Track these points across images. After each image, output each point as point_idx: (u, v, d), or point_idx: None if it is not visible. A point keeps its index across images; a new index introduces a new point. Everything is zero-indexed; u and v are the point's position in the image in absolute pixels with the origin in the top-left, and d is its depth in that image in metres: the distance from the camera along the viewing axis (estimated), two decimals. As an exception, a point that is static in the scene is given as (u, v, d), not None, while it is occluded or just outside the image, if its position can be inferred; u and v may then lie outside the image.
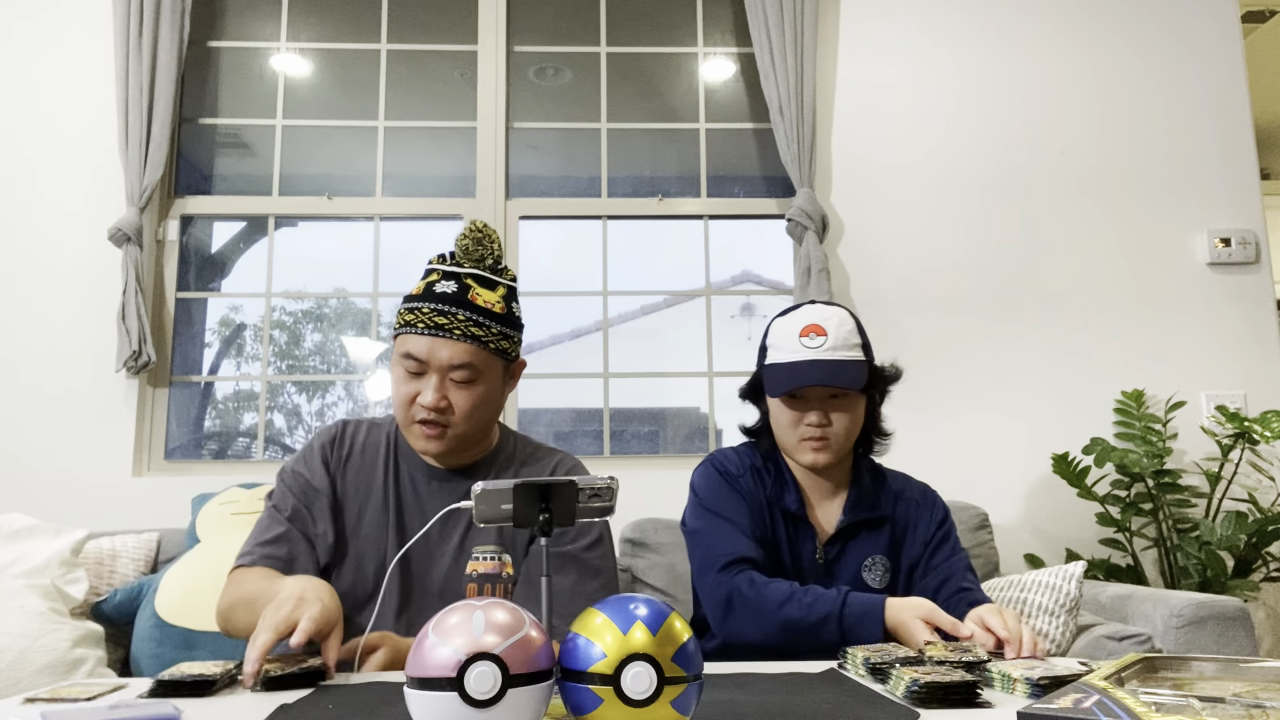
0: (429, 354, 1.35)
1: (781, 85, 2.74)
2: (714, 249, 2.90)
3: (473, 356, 1.36)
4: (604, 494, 0.95)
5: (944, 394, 2.72)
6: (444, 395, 1.36)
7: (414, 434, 1.40)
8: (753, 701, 0.93)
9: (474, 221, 1.41)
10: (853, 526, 1.58)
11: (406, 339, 1.37)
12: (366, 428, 1.49)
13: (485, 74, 2.90)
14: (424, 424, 1.37)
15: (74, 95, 2.74)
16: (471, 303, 1.37)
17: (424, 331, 1.35)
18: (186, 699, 0.97)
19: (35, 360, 2.61)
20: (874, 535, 1.59)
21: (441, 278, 1.39)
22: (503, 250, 1.43)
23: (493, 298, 1.39)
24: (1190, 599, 1.86)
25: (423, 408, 1.36)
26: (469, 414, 1.38)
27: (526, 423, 2.81)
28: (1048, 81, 2.89)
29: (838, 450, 1.57)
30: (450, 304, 1.36)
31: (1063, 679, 0.95)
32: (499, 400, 1.44)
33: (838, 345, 1.55)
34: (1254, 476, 2.70)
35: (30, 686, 1.79)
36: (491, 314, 1.38)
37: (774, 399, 1.58)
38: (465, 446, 1.43)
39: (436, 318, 1.35)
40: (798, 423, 1.55)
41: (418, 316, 1.37)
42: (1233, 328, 2.77)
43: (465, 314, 1.36)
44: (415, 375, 1.37)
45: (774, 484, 1.61)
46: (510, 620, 0.74)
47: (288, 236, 2.89)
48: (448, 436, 1.38)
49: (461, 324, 1.35)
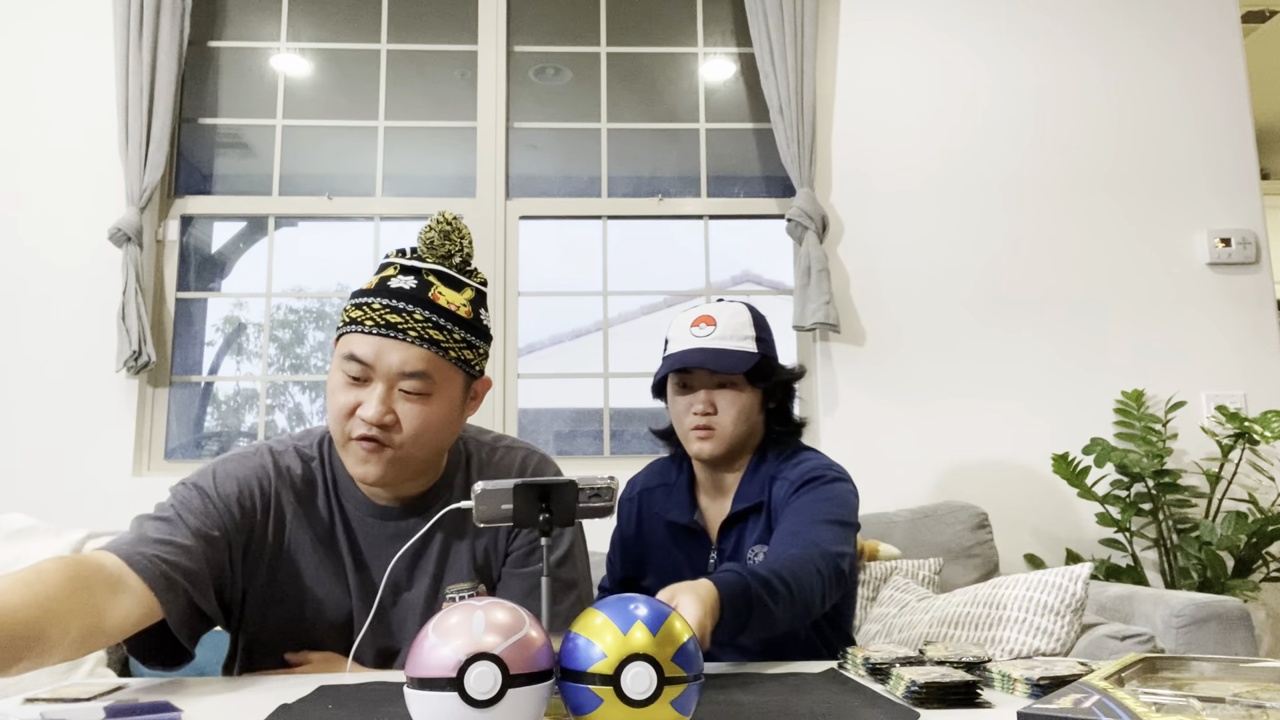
0: (376, 357, 1.14)
1: (781, 85, 2.74)
2: (714, 249, 2.90)
3: (428, 364, 1.15)
4: (604, 494, 0.95)
5: (944, 394, 2.72)
6: (390, 409, 1.14)
7: (349, 453, 1.17)
8: (753, 701, 0.93)
9: (442, 213, 1.20)
10: (735, 519, 1.57)
11: (350, 339, 1.16)
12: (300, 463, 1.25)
13: (485, 74, 2.90)
14: (362, 440, 1.15)
15: (74, 95, 2.74)
16: (433, 302, 1.16)
17: (372, 330, 1.14)
18: (184, 698, 0.96)
19: (35, 360, 2.61)
20: (757, 525, 1.56)
21: (399, 273, 1.19)
22: (473, 249, 1.23)
23: (458, 299, 1.19)
24: (1190, 599, 1.86)
25: (362, 421, 1.14)
26: (417, 435, 1.16)
27: (527, 423, 2.81)
28: (1048, 81, 2.89)
29: (724, 440, 1.55)
30: (406, 300, 1.15)
31: (1063, 679, 0.95)
32: (456, 424, 1.21)
33: (726, 335, 1.56)
34: (1254, 476, 2.70)
35: (30, 686, 1.79)
36: (455, 317, 1.17)
37: (669, 388, 1.61)
38: (410, 473, 1.20)
39: (388, 315, 1.14)
40: (686, 411, 1.57)
41: (366, 313, 1.15)
42: (1233, 328, 2.77)
43: (424, 313, 1.15)
44: (357, 383, 1.15)
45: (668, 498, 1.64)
46: (510, 620, 0.74)
47: (288, 236, 2.89)
48: (388, 458, 1.15)
49: (418, 324, 1.15)
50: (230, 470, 1.22)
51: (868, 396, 2.71)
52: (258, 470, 1.22)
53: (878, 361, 2.73)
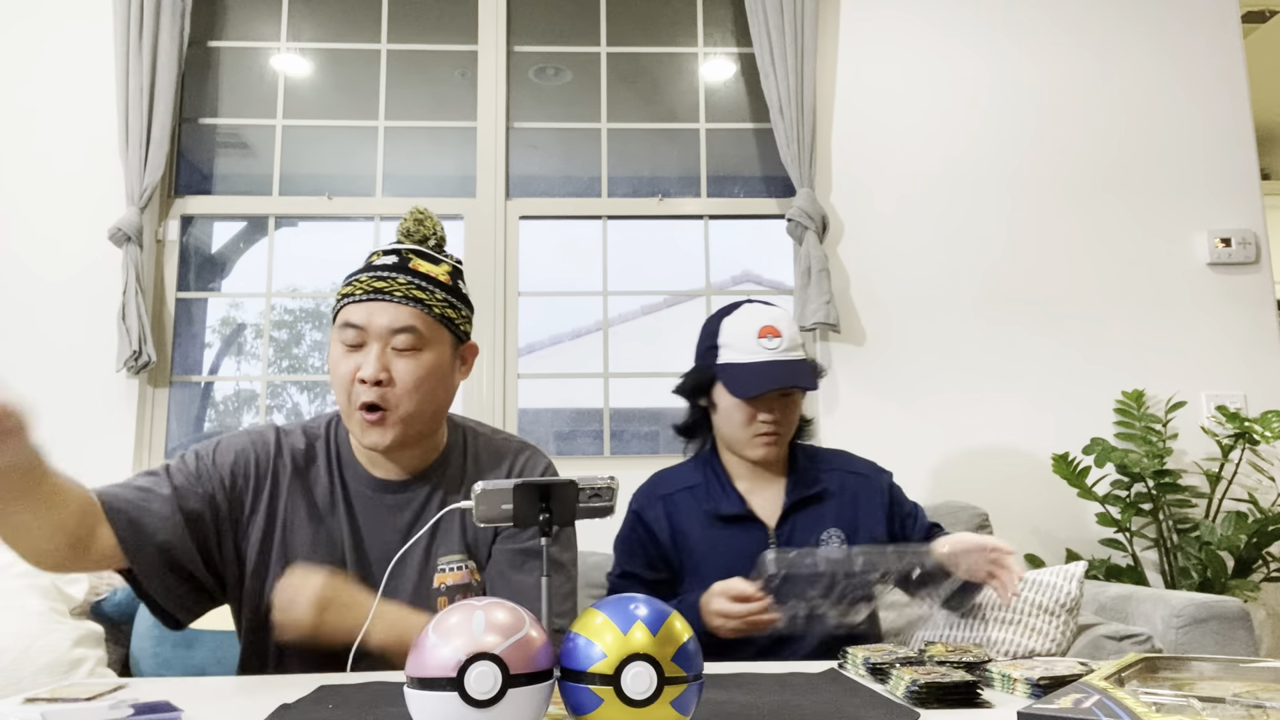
0: (367, 319, 1.26)
1: (781, 85, 2.74)
2: (714, 249, 2.90)
3: (415, 319, 1.26)
4: (604, 494, 0.95)
5: (944, 393, 2.72)
6: (385, 366, 1.25)
7: (355, 424, 1.28)
8: (753, 701, 0.93)
9: (414, 208, 1.36)
10: (797, 505, 1.64)
11: (344, 310, 1.28)
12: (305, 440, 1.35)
13: (485, 74, 2.90)
14: (366, 410, 1.25)
15: (74, 95, 2.74)
16: (414, 270, 1.29)
17: (362, 298, 1.27)
18: (184, 698, 0.97)
19: (35, 360, 2.61)
20: (820, 510, 1.65)
21: (382, 254, 1.32)
22: (445, 236, 1.37)
23: (437, 270, 1.31)
24: (1190, 599, 1.86)
25: (362, 384, 1.24)
26: (414, 387, 1.26)
27: (527, 423, 2.81)
28: (1048, 81, 2.89)
29: (785, 443, 1.67)
30: (390, 270, 1.29)
31: (1063, 679, 0.95)
32: (449, 382, 1.33)
33: (792, 346, 1.62)
34: (1254, 476, 2.70)
35: (30, 686, 1.79)
36: (435, 281, 1.30)
37: (729, 399, 1.63)
38: (412, 438, 1.30)
39: (375, 282, 1.27)
40: (752, 420, 1.62)
41: (355, 286, 1.28)
42: (1233, 328, 2.77)
43: (406, 278, 1.28)
44: (354, 348, 1.27)
45: (707, 494, 1.67)
46: (510, 620, 0.74)
47: (288, 236, 2.89)
48: (391, 422, 1.26)
49: (402, 286, 1.27)
50: (231, 442, 1.32)
51: (868, 396, 2.71)
52: (258, 444, 1.33)
53: (878, 361, 2.73)
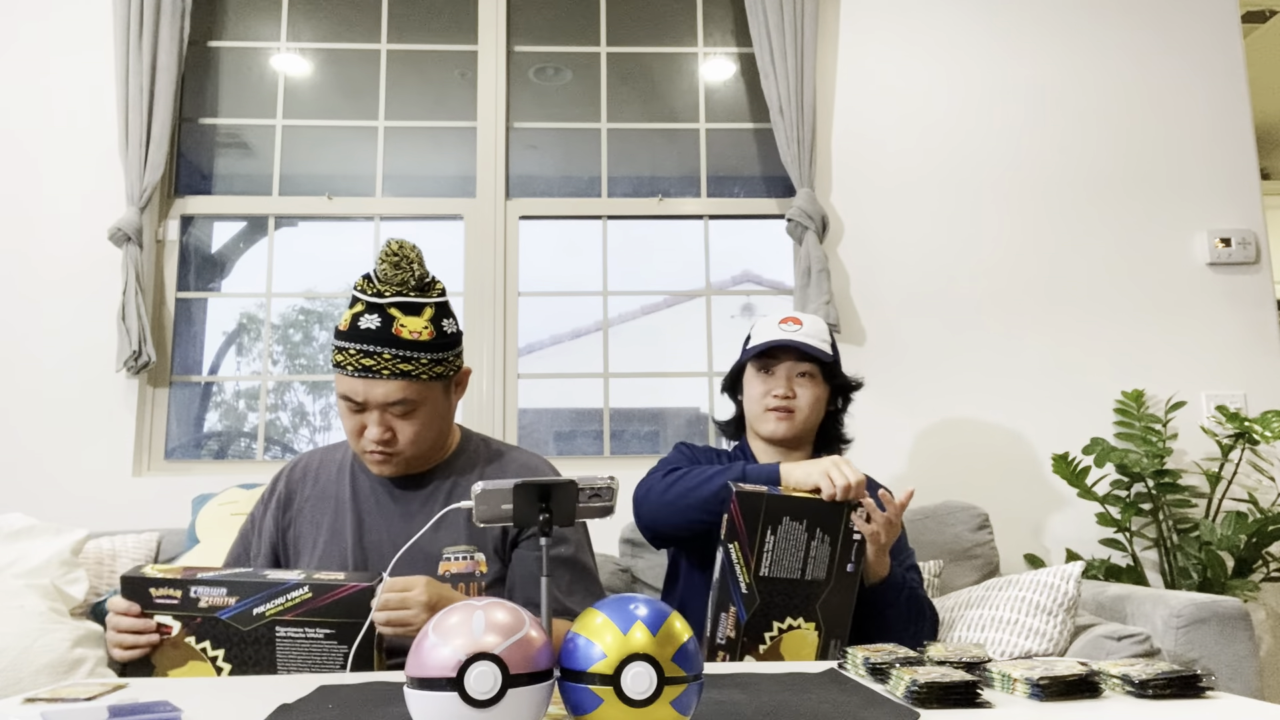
0: (364, 395, 1.38)
1: (781, 85, 2.74)
2: (714, 249, 2.90)
3: (405, 392, 1.37)
4: (604, 494, 0.95)
5: (944, 394, 2.72)
6: (387, 428, 1.40)
7: (366, 459, 1.44)
8: (753, 701, 0.93)
9: (389, 243, 1.38)
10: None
11: (341, 379, 1.40)
12: (322, 454, 1.57)
13: (485, 74, 2.90)
14: (373, 452, 1.41)
15: (74, 95, 2.74)
16: (396, 337, 1.36)
17: (354, 374, 1.37)
18: (184, 698, 0.97)
19: (35, 360, 2.61)
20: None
21: (366, 310, 1.38)
22: (424, 268, 1.39)
23: (419, 324, 1.38)
24: (1190, 599, 1.86)
25: (370, 441, 1.40)
26: (414, 440, 1.42)
27: (527, 423, 2.82)
28: (1047, 82, 2.89)
29: (798, 423, 1.73)
30: (374, 343, 1.36)
31: (1063, 679, 0.95)
32: (447, 415, 1.47)
33: (811, 335, 1.74)
34: (1254, 476, 2.70)
35: (30, 686, 1.79)
36: (419, 345, 1.37)
37: (749, 375, 1.78)
38: (420, 463, 1.48)
39: (363, 359, 1.36)
40: (765, 393, 1.73)
41: (346, 358, 1.38)
42: (1233, 328, 2.77)
43: (391, 352, 1.36)
44: (356, 411, 1.40)
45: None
46: (510, 620, 0.74)
47: (288, 236, 2.89)
48: (397, 460, 1.43)
49: (388, 363, 1.36)
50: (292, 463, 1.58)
51: (867, 396, 2.71)
52: (307, 457, 1.57)
53: (878, 361, 2.73)
